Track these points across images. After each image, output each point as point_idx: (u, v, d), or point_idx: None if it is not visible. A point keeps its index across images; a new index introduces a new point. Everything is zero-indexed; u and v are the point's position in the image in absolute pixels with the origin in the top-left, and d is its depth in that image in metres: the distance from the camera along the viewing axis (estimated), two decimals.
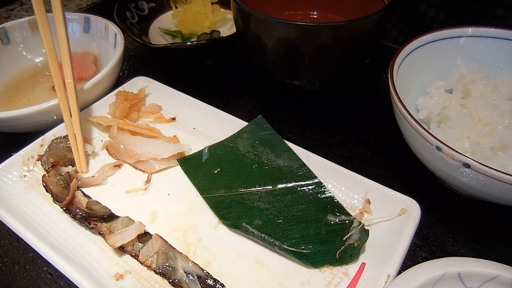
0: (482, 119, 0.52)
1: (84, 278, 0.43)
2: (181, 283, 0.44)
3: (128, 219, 0.50)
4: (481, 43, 0.61)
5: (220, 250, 0.48)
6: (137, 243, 0.48)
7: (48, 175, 0.54)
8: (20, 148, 0.57)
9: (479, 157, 0.49)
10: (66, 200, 0.51)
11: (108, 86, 0.67)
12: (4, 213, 0.49)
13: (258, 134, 0.59)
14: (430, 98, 0.58)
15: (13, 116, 0.57)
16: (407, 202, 0.48)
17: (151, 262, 0.46)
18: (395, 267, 0.43)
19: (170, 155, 0.57)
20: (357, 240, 0.47)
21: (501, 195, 0.44)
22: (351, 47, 0.57)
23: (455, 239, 0.52)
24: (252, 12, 0.56)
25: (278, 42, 0.57)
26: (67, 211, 0.50)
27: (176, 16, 0.85)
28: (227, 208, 0.52)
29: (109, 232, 0.48)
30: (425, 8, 0.85)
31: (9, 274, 0.49)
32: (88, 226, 0.49)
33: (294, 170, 0.55)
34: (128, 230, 0.48)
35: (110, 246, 0.47)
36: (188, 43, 0.69)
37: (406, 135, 0.52)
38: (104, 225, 0.49)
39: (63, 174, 0.55)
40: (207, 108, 0.64)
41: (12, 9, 1.11)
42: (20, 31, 0.76)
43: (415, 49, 0.58)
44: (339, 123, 0.68)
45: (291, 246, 0.47)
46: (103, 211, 0.51)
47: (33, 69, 0.77)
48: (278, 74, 0.64)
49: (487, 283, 0.39)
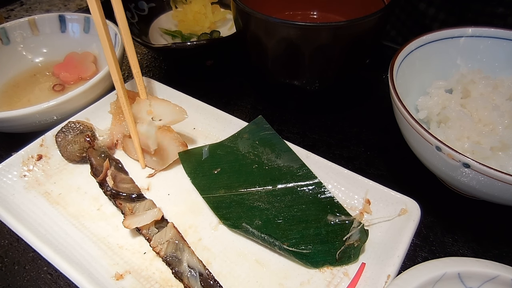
0: (482, 119, 0.52)
1: (84, 278, 0.43)
2: (182, 276, 0.45)
3: (151, 203, 0.52)
4: (481, 43, 0.61)
5: (220, 250, 0.48)
6: (153, 227, 0.49)
7: (94, 148, 0.57)
8: (20, 148, 0.57)
9: (479, 157, 0.49)
10: (100, 177, 0.53)
11: (108, 86, 0.67)
12: (4, 213, 0.49)
13: (258, 134, 0.59)
14: (430, 98, 0.58)
15: (13, 116, 0.57)
16: (407, 202, 0.48)
17: (160, 249, 0.47)
18: (395, 267, 0.43)
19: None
20: (357, 240, 0.47)
21: (501, 195, 0.44)
22: (351, 47, 0.57)
23: (455, 239, 0.52)
24: (252, 12, 0.56)
25: (278, 42, 0.57)
26: (100, 186, 0.54)
27: (176, 16, 0.85)
28: (227, 208, 0.52)
29: (131, 213, 0.50)
30: (425, 7, 0.85)
31: (9, 274, 0.49)
32: (114, 204, 0.52)
33: (294, 170, 0.55)
34: (146, 214, 0.49)
35: (125, 227, 0.48)
36: (188, 43, 0.69)
37: (406, 135, 0.52)
38: (128, 205, 0.51)
39: (103, 149, 0.58)
40: (207, 108, 0.64)
41: (12, 9, 1.12)
42: (20, 31, 0.76)
43: (415, 49, 0.58)
44: (339, 123, 0.68)
45: (291, 246, 0.47)
46: (133, 190, 0.54)
47: (33, 69, 0.77)
48: (278, 74, 0.64)
49: (487, 283, 0.39)
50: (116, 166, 0.57)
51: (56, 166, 0.58)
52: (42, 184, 0.56)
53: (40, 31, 0.78)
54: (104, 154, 0.58)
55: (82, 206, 0.53)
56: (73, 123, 0.60)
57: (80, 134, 0.58)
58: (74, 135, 0.58)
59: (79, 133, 0.58)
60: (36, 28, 0.78)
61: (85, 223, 0.51)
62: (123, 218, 0.50)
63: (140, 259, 0.48)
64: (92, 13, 0.52)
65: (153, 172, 0.58)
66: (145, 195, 0.54)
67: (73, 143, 0.57)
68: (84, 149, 0.58)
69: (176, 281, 0.45)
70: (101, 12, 0.52)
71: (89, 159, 0.56)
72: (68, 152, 0.58)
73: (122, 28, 0.56)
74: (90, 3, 0.51)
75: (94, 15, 0.52)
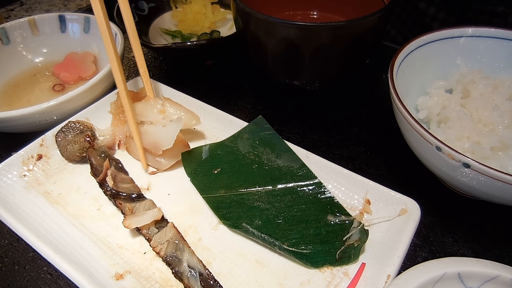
0: (482, 119, 0.52)
1: (84, 278, 0.43)
2: (182, 276, 0.45)
3: (151, 203, 0.52)
4: (481, 43, 0.61)
5: (220, 250, 0.48)
6: (153, 227, 0.49)
7: (94, 148, 0.57)
8: (20, 148, 0.57)
9: (479, 157, 0.49)
10: (100, 177, 0.53)
11: (108, 86, 0.67)
12: (4, 213, 0.49)
13: (258, 134, 0.59)
14: (430, 98, 0.58)
15: (13, 116, 0.57)
16: (407, 202, 0.48)
17: (160, 249, 0.47)
18: (395, 267, 0.43)
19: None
20: (357, 240, 0.47)
21: (501, 195, 0.44)
22: (351, 47, 0.57)
23: (455, 239, 0.52)
24: (252, 12, 0.56)
25: (278, 42, 0.57)
26: (100, 186, 0.54)
27: (176, 16, 0.85)
28: (227, 208, 0.52)
29: (131, 212, 0.50)
30: (425, 6, 0.85)
31: (9, 274, 0.49)
32: (114, 204, 0.52)
33: (294, 170, 0.55)
34: (146, 214, 0.49)
35: (125, 227, 0.48)
36: (188, 43, 0.69)
37: (406, 135, 0.52)
38: (128, 205, 0.51)
39: (103, 149, 0.58)
40: (207, 108, 0.64)
41: (12, 9, 1.12)
42: (20, 31, 0.76)
43: (415, 49, 0.58)
44: (339, 123, 0.68)
45: (291, 246, 0.47)
46: (133, 190, 0.54)
47: (33, 69, 0.77)
48: (278, 74, 0.64)
49: (487, 283, 0.39)
50: (116, 166, 0.57)
51: (56, 166, 0.58)
52: (42, 184, 0.56)
53: (40, 31, 0.78)
54: (104, 154, 0.58)
55: (82, 206, 0.53)
56: (73, 123, 0.60)
57: (80, 134, 0.58)
58: (74, 135, 0.58)
59: (79, 133, 0.58)
60: (36, 28, 0.78)
61: (85, 223, 0.51)
62: (123, 218, 0.50)
63: (140, 259, 0.48)
64: (96, 13, 0.52)
65: (155, 171, 0.58)
66: (145, 195, 0.54)
67: (73, 143, 0.57)
68: (84, 149, 0.58)
69: (176, 281, 0.45)
70: (104, 11, 0.52)
71: (89, 159, 0.56)
72: (68, 152, 0.58)
73: (129, 29, 0.56)
74: (94, 3, 0.51)
75: (98, 15, 0.52)
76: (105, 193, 0.53)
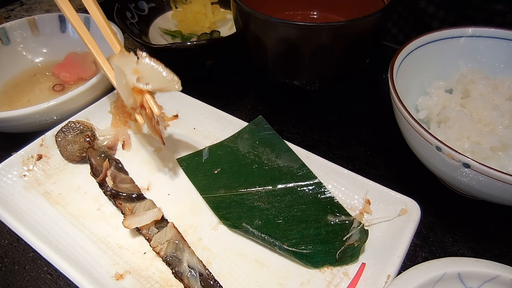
0: (482, 119, 0.52)
1: (84, 278, 0.43)
2: (182, 276, 0.45)
3: (151, 203, 0.52)
4: (481, 43, 0.61)
5: (220, 250, 0.48)
6: (153, 227, 0.49)
7: (94, 148, 0.57)
8: (20, 148, 0.57)
9: (479, 157, 0.49)
10: (100, 177, 0.54)
11: (108, 86, 0.67)
12: (4, 213, 0.49)
13: (258, 135, 0.59)
14: (430, 98, 0.58)
15: (13, 116, 0.57)
16: (407, 202, 0.48)
17: (160, 249, 0.47)
18: (395, 267, 0.43)
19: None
20: (357, 240, 0.47)
21: (501, 195, 0.44)
22: (351, 47, 0.57)
23: (455, 239, 0.52)
24: (252, 12, 0.56)
25: (278, 42, 0.57)
26: (100, 186, 0.54)
27: (176, 16, 0.85)
28: (227, 208, 0.52)
29: (131, 213, 0.50)
30: (425, 5, 0.85)
31: (9, 274, 0.49)
32: (114, 204, 0.52)
33: (294, 171, 0.55)
34: (146, 214, 0.49)
35: (125, 227, 0.48)
36: (188, 43, 0.69)
37: (406, 135, 0.52)
38: (128, 206, 0.51)
39: (103, 149, 0.59)
40: (207, 108, 0.64)
41: (12, 9, 1.12)
42: (20, 31, 0.76)
43: (415, 49, 0.58)
44: (339, 123, 0.68)
45: (291, 246, 0.47)
46: (133, 190, 0.54)
47: (33, 69, 0.77)
48: (278, 74, 0.64)
49: (487, 283, 0.39)
50: (116, 166, 0.57)
51: (56, 166, 0.58)
52: (42, 184, 0.56)
53: (40, 31, 0.78)
54: (104, 154, 0.58)
55: (82, 206, 0.53)
56: (73, 123, 0.60)
57: (80, 134, 0.58)
58: (74, 135, 0.58)
59: (79, 133, 0.58)
60: (36, 28, 0.78)
61: (85, 223, 0.51)
62: (123, 218, 0.50)
63: (140, 259, 0.48)
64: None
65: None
66: (145, 195, 0.54)
67: (73, 143, 0.57)
68: (84, 149, 0.58)
69: (176, 281, 0.45)
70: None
71: (89, 159, 0.56)
72: (68, 152, 0.58)
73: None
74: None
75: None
76: (105, 193, 0.53)
